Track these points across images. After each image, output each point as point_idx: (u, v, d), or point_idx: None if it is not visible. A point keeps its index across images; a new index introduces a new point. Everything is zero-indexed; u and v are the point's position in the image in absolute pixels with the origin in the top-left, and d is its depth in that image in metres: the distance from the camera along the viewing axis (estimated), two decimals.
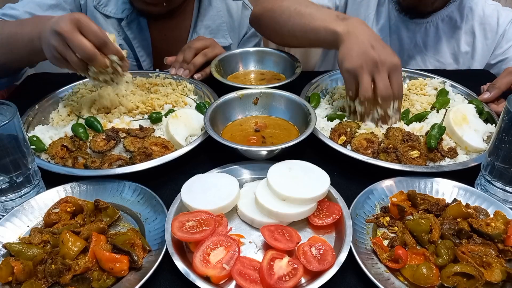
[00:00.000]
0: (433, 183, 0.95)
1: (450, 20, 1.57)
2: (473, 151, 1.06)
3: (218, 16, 1.64)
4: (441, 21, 1.58)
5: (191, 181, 0.90)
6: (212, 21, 1.63)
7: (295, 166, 0.92)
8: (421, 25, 1.57)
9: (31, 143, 1.01)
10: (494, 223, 0.81)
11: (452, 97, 1.28)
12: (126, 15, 1.51)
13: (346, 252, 0.76)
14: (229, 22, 1.68)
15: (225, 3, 1.66)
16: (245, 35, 1.75)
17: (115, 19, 1.53)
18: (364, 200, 0.90)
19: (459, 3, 1.55)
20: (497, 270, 0.73)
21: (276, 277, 0.71)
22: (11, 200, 0.88)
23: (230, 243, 0.77)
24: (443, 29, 1.59)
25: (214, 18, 1.63)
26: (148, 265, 0.75)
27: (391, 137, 1.06)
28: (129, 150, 1.02)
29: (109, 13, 1.51)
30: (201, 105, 1.21)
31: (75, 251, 0.74)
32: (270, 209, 0.83)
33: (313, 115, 1.07)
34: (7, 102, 0.85)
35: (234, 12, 1.67)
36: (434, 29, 1.59)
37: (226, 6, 1.66)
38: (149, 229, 0.85)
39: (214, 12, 1.63)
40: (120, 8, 1.51)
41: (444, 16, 1.56)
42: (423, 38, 1.60)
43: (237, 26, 1.71)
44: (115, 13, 1.51)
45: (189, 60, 1.36)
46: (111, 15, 1.51)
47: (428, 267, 0.73)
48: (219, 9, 1.64)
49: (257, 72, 1.47)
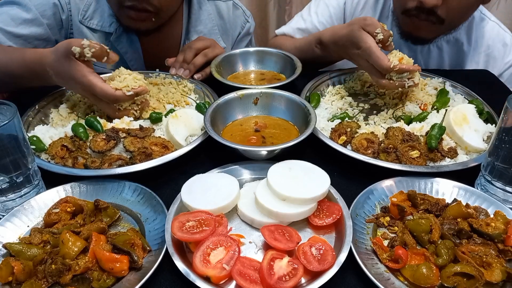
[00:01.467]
0: (433, 183, 0.95)
1: (456, 42, 1.54)
2: (473, 151, 1.06)
3: (209, 20, 1.60)
4: (446, 42, 1.55)
5: (191, 181, 0.90)
6: (203, 25, 1.58)
7: (295, 166, 0.92)
8: (424, 45, 1.54)
9: (31, 143, 1.01)
10: (494, 223, 0.81)
11: (452, 97, 1.28)
12: (114, 28, 1.46)
13: (346, 252, 0.76)
14: (220, 24, 1.64)
15: (214, 5, 1.62)
16: (238, 35, 1.72)
17: (102, 33, 1.47)
18: (364, 200, 0.90)
19: (467, 25, 1.51)
20: (497, 270, 0.73)
21: (276, 277, 0.71)
22: (11, 200, 0.88)
23: (230, 243, 0.77)
24: (448, 51, 1.56)
25: (206, 22, 1.59)
26: (148, 265, 0.75)
27: (391, 137, 1.06)
28: (129, 150, 1.02)
29: (96, 27, 1.45)
30: (201, 105, 1.21)
31: (75, 251, 0.74)
32: (270, 209, 0.83)
33: (313, 115, 1.07)
34: (7, 102, 0.85)
35: (224, 13, 1.64)
36: (438, 50, 1.56)
37: (216, 8, 1.62)
38: (149, 229, 0.85)
39: (205, 16, 1.59)
40: (107, 21, 1.45)
41: (450, 38, 1.53)
42: (425, 58, 1.58)
43: (229, 27, 1.67)
44: (102, 27, 1.45)
45: (189, 60, 1.36)
46: (98, 28, 1.45)
47: (428, 267, 0.73)
48: (210, 12, 1.60)
49: (257, 72, 1.47)
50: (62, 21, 1.42)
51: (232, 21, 1.67)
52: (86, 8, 1.43)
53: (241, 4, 1.70)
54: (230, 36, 1.70)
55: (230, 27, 1.68)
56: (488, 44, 1.55)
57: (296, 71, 1.32)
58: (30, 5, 1.31)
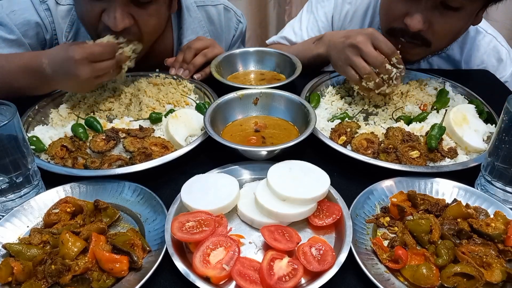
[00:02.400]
0: (433, 183, 0.95)
1: (447, 57, 1.52)
2: (473, 151, 1.06)
3: (200, 27, 1.56)
4: (438, 57, 1.52)
5: (191, 181, 0.90)
6: (195, 34, 1.54)
7: (295, 166, 0.92)
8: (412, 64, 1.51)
9: (31, 143, 1.01)
10: (494, 223, 0.81)
11: (452, 97, 1.28)
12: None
13: (346, 252, 0.76)
14: (211, 29, 1.61)
15: (204, 10, 1.58)
16: (233, 38, 1.70)
17: None
18: (364, 200, 0.90)
19: (461, 39, 1.48)
20: (497, 271, 0.73)
21: (276, 278, 0.71)
22: (11, 201, 0.88)
23: (230, 243, 0.77)
24: (439, 64, 1.54)
25: (197, 30, 1.55)
26: (148, 266, 0.75)
27: (391, 137, 1.06)
28: (129, 150, 1.02)
29: None
30: (201, 105, 1.21)
31: (75, 251, 0.74)
32: (270, 210, 0.83)
33: (313, 115, 1.07)
34: (7, 102, 0.85)
35: (215, 18, 1.61)
36: (428, 65, 1.54)
37: (206, 14, 1.59)
38: (149, 230, 0.85)
39: (196, 23, 1.55)
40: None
41: (442, 53, 1.51)
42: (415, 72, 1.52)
43: (222, 31, 1.64)
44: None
45: (189, 60, 1.36)
46: None
47: (428, 268, 0.73)
48: (200, 18, 1.56)
49: (257, 72, 1.47)
50: (46, 41, 1.39)
51: (225, 25, 1.64)
52: (68, 29, 1.40)
53: (232, 6, 1.67)
54: (224, 40, 1.67)
55: (222, 31, 1.65)
56: (483, 59, 1.52)
57: (296, 71, 1.32)
58: (12, 26, 1.29)
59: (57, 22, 1.38)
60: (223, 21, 1.63)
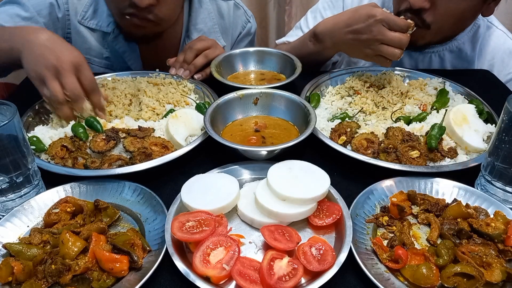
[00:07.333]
0: (433, 183, 0.95)
1: (459, 51, 1.52)
2: (473, 151, 1.06)
3: (210, 18, 1.60)
4: (449, 52, 1.52)
5: (191, 181, 0.90)
6: (204, 24, 1.59)
7: (295, 166, 0.92)
8: (425, 54, 1.53)
9: (31, 143, 1.01)
10: (494, 223, 0.81)
11: (452, 97, 1.28)
12: (112, 28, 1.47)
13: (346, 252, 0.76)
14: (220, 23, 1.65)
15: (215, 4, 1.63)
16: (239, 35, 1.73)
17: (100, 32, 1.49)
18: (364, 200, 0.90)
19: (472, 34, 1.49)
20: (497, 270, 0.73)
21: (276, 277, 0.71)
22: (11, 200, 0.88)
23: (230, 243, 0.77)
24: (450, 60, 1.53)
25: (206, 21, 1.59)
26: (148, 265, 0.75)
27: (391, 137, 1.06)
28: (129, 150, 1.02)
29: (95, 26, 1.47)
30: (201, 105, 1.21)
31: (75, 251, 0.74)
32: (270, 209, 0.83)
33: (313, 115, 1.07)
34: (7, 102, 0.85)
35: (225, 13, 1.65)
36: (439, 59, 1.54)
37: (217, 7, 1.63)
38: (149, 229, 0.85)
39: (205, 14, 1.59)
40: (105, 21, 1.47)
41: (454, 48, 1.51)
42: (426, 67, 1.55)
43: (230, 27, 1.68)
44: (100, 26, 1.47)
45: (189, 61, 1.36)
46: (97, 28, 1.48)
47: (428, 267, 0.73)
48: (210, 10, 1.60)
49: (257, 72, 1.47)
50: (58, 19, 1.44)
51: (233, 21, 1.68)
52: (86, 9, 1.46)
53: (243, 4, 1.71)
54: (230, 36, 1.70)
55: (230, 26, 1.68)
56: (493, 54, 1.53)
57: (296, 71, 1.32)
58: (28, 4, 1.36)
59: (72, 1, 1.44)
60: (232, 17, 1.67)
